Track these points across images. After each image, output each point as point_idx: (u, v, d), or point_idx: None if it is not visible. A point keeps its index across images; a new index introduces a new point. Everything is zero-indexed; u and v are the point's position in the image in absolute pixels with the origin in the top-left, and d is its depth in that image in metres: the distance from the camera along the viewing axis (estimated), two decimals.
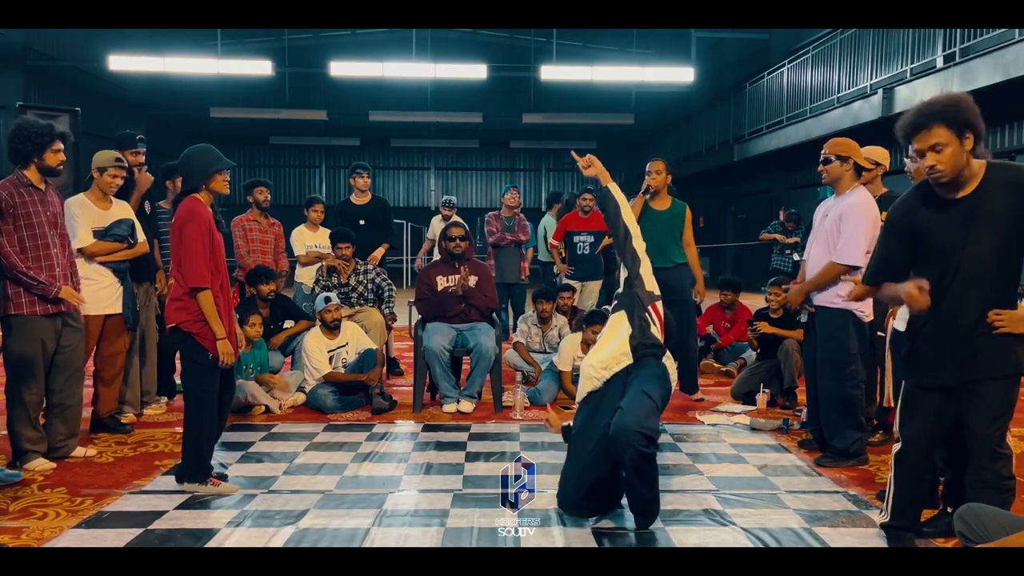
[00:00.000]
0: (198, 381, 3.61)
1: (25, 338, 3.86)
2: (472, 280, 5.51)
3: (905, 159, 3.65)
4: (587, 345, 5.60)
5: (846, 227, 3.99)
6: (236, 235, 6.08)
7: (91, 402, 4.65)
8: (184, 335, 3.57)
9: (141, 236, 4.69)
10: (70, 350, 4.06)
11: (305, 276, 6.58)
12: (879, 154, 4.42)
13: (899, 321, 3.54)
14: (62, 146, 3.96)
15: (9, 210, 3.79)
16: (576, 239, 7.32)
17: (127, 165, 4.67)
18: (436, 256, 8.09)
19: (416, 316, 5.76)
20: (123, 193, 4.77)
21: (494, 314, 5.65)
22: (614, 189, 3.62)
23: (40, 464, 3.90)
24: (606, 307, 6.85)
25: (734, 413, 5.27)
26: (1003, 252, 2.63)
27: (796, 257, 9.10)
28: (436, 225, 8.44)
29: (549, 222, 8.32)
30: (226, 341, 3.56)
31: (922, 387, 2.82)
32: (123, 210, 4.64)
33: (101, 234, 4.48)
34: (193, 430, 3.62)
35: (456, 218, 7.96)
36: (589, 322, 5.62)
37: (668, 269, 5.50)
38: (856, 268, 4.00)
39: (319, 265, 6.32)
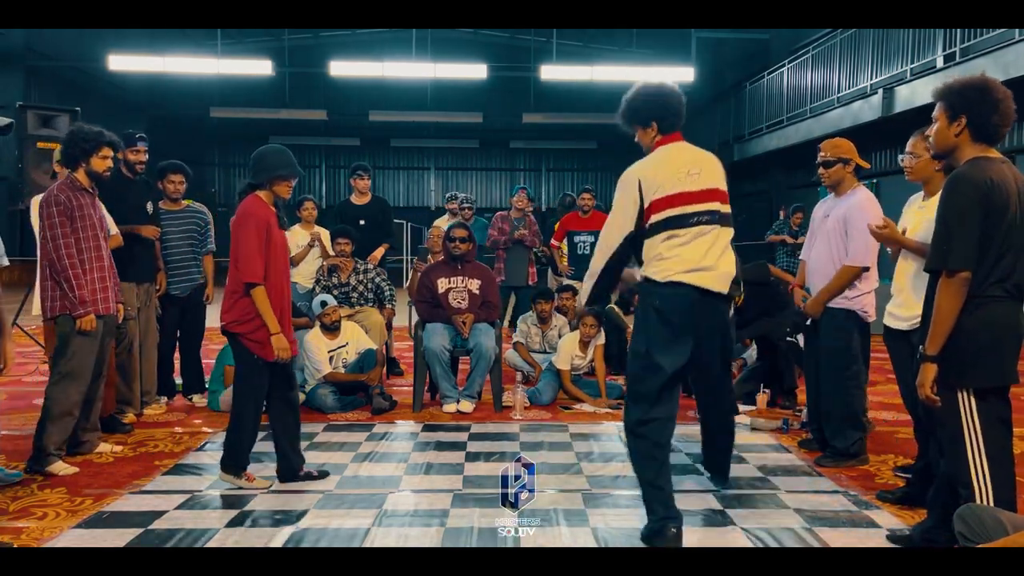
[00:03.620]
0: (247, 379, 3.66)
1: (84, 339, 3.90)
2: (475, 284, 5.50)
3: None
4: (585, 343, 5.60)
5: (853, 228, 3.97)
6: None
7: None
8: (231, 336, 3.63)
9: (114, 228, 4.66)
10: (103, 351, 4.12)
11: (299, 276, 6.56)
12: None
13: (892, 318, 3.53)
14: (111, 153, 4.04)
15: (68, 212, 3.87)
16: (576, 239, 7.32)
17: (119, 158, 4.67)
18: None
19: (416, 316, 5.76)
20: (123, 195, 4.76)
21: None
22: None
23: (63, 468, 3.88)
24: (611, 306, 6.86)
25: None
26: None
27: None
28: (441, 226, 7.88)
29: None
30: (281, 336, 3.58)
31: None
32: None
33: None
34: (236, 424, 3.66)
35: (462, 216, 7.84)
36: (582, 316, 5.62)
37: None
38: (868, 269, 4.01)
39: (319, 265, 6.32)
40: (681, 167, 3.06)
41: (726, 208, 3.11)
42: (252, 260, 3.52)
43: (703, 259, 2.99)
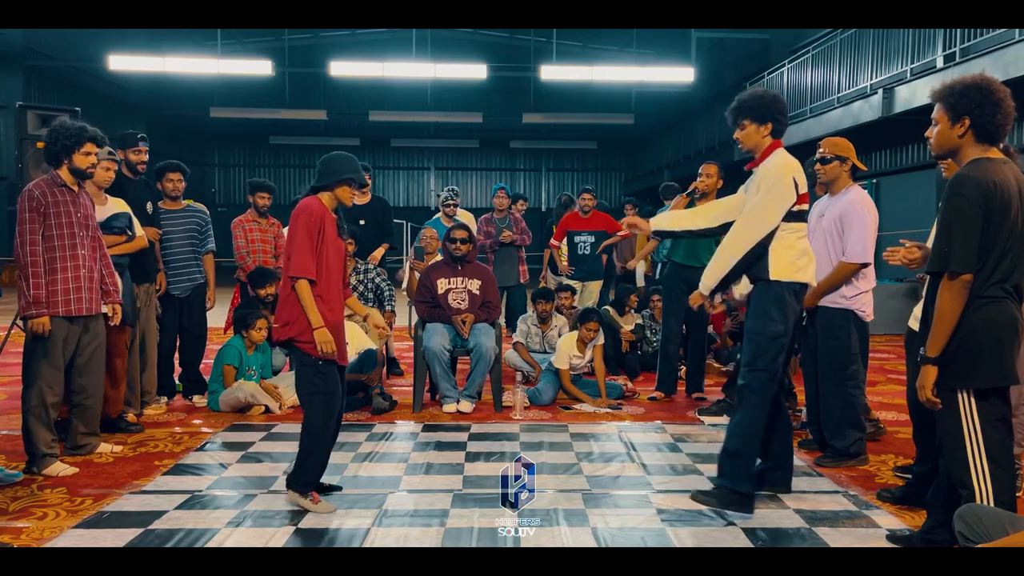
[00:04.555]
0: (310, 383, 3.46)
1: (51, 340, 3.83)
2: (475, 285, 5.50)
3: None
4: (583, 343, 5.60)
5: (850, 226, 3.98)
6: (236, 235, 6.08)
7: None
8: (286, 343, 3.51)
9: (139, 230, 4.67)
10: (90, 352, 4.04)
11: None
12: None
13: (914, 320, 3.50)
14: (95, 149, 3.96)
15: (41, 208, 3.80)
16: (577, 239, 7.31)
17: (118, 158, 4.67)
18: None
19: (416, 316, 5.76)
20: (124, 192, 4.77)
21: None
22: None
23: (61, 468, 3.86)
24: (606, 307, 6.87)
25: None
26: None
27: None
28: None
29: None
30: (324, 330, 3.39)
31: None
32: (119, 205, 4.63)
33: (101, 227, 4.46)
34: (306, 437, 3.45)
35: (462, 215, 7.79)
36: (584, 320, 5.61)
37: (697, 269, 5.57)
38: (867, 265, 4.01)
39: None
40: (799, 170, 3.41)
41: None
42: (300, 253, 3.36)
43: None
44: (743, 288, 3.61)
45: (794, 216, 3.35)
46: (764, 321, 3.37)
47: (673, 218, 3.90)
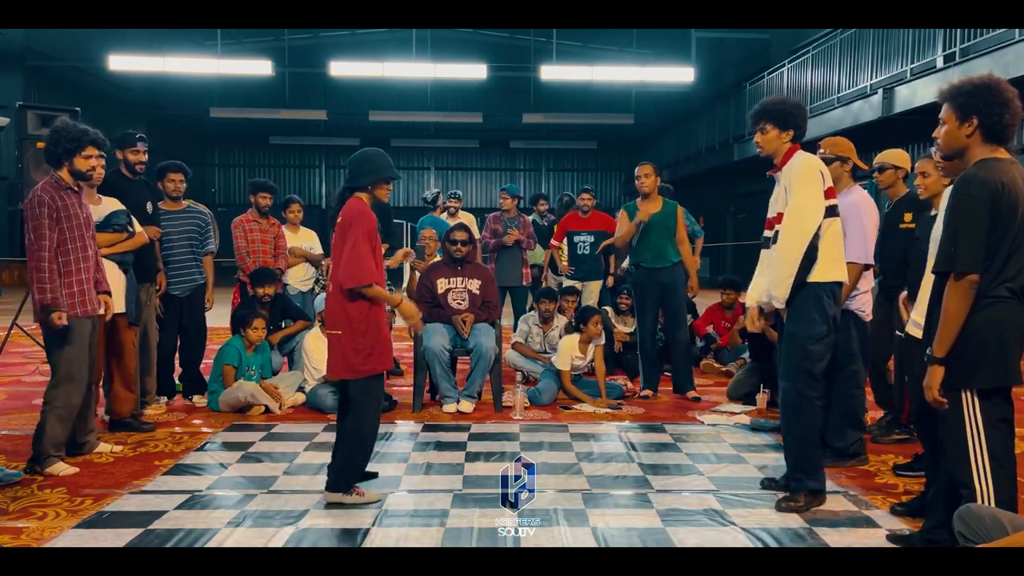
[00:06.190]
0: (365, 391, 3.48)
1: (75, 340, 3.84)
2: (475, 284, 5.50)
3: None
4: (586, 343, 5.59)
5: (851, 227, 3.97)
6: (236, 235, 6.08)
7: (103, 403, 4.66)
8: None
9: (138, 227, 4.66)
10: (92, 351, 4.05)
11: (292, 278, 6.56)
12: (899, 157, 4.42)
13: (912, 326, 3.46)
14: (95, 152, 3.95)
15: (55, 214, 3.78)
16: (576, 239, 7.30)
17: (105, 153, 4.65)
18: None
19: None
20: (122, 192, 4.76)
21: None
22: None
23: (62, 468, 3.86)
24: (605, 307, 6.87)
25: (734, 413, 5.27)
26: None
27: None
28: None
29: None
30: (409, 304, 3.73)
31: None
32: (114, 203, 4.61)
33: (102, 225, 4.44)
34: (357, 442, 3.48)
35: (463, 217, 7.79)
36: (585, 318, 5.59)
37: (666, 268, 5.66)
38: (869, 266, 4.01)
39: (312, 266, 6.33)
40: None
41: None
42: (365, 262, 3.37)
43: None
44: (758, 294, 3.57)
45: (828, 211, 3.37)
46: (807, 324, 3.37)
47: (756, 286, 3.63)
